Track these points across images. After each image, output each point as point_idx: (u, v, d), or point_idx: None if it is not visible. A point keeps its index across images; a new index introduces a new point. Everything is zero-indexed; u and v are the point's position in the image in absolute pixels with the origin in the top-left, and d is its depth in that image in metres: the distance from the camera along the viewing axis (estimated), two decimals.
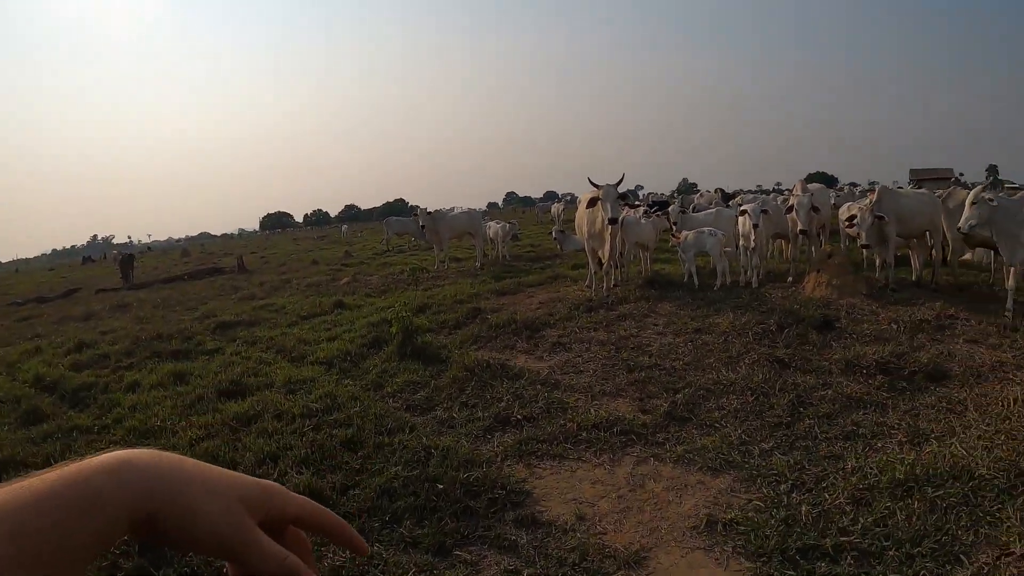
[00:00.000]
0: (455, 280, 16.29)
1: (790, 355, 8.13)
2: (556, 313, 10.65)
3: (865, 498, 4.95)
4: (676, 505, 5.09)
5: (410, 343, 8.87)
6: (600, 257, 11.99)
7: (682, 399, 6.93)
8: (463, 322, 10.86)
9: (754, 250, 12.52)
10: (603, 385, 7.57)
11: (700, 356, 8.29)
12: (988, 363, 7.81)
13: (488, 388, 7.49)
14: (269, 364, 9.21)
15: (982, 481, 5.06)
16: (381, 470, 5.58)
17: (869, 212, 11.47)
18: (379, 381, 8.12)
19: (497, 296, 13.18)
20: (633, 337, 9.22)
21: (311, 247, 43.68)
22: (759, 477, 5.37)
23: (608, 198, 10.98)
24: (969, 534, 4.48)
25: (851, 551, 4.34)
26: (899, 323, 9.32)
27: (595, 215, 11.66)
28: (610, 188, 11.07)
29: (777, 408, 6.68)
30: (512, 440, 6.20)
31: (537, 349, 9.08)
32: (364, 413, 6.81)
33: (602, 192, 11.09)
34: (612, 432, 6.26)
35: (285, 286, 19.35)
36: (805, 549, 4.38)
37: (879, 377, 7.38)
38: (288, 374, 8.39)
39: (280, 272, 24.38)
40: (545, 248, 23.88)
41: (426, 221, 18.97)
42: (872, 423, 6.33)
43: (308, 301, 14.83)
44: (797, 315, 9.51)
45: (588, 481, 5.51)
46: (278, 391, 7.78)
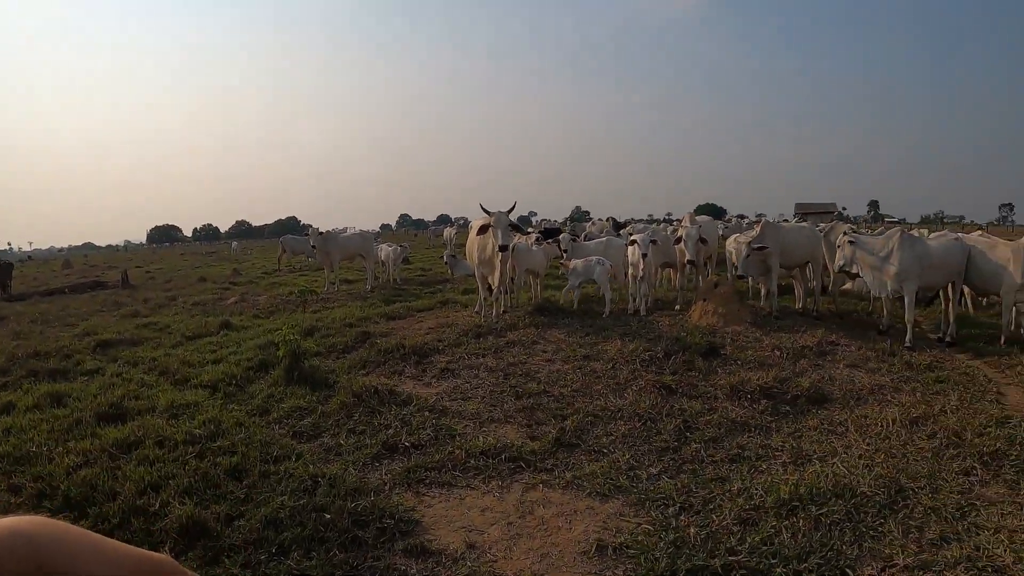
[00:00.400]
0: (345, 303, 16.05)
1: (677, 381, 8.29)
2: (445, 339, 10.59)
3: (752, 518, 5.04)
4: (566, 531, 5.05)
5: (297, 367, 8.63)
6: (491, 283, 12.01)
7: (570, 425, 6.93)
8: (352, 346, 10.69)
9: (643, 279, 12.79)
10: (491, 412, 7.52)
11: (588, 383, 8.35)
12: (867, 386, 8.18)
13: (376, 414, 7.34)
14: (151, 387, 8.74)
15: (864, 498, 5.26)
16: (267, 500, 5.36)
17: (747, 245, 12.14)
18: (265, 406, 7.85)
19: (387, 320, 13.06)
20: (522, 364, 9.23)
21: (199, 263, 42.13)
22: (647, 501, 5.40)
23: (500, 225, 11.03)
24: (853, 548, 4.63)
25: (740, 570, 4.40)
26: (782, 349, 9.66)
27: (486, 241, 11.68)
28: (502, 215, 11.13)
29: (664, 433, 6.77)
30: (400, 468, 6.07)
31: (426, 375, 8.98)
32: (249, 440, 6.56)
33: (494, 219, 11.14)
34: (501, 459, 6.20)
35: (171, 304, 18.56)
36: (694, 570, 4.40)
37: (763, 401, 7.61)
38: (171, 398, 7.98)
39: (166, 289, 23.33)
40: (436, 272, 23.84)
41: (317, 241, 18.66)
42: (757, 446, 6.50)
43: (194, 320, 14.25)
44: (684, 342, 9.71)
45: (477, 508, 5.43)
46: (160, 416, 7.37)
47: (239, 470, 5.94)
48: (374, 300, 16.22)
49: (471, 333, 10.74)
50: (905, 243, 10.68)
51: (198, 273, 29.71)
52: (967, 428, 6.61)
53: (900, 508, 5.18)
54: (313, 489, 5.53)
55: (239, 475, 5.86)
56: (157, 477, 5.73)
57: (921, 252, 10.64)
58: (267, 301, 17.53)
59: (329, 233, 19.42)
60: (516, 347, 9.98)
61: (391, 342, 10.13)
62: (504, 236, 10.99)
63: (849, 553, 4.57)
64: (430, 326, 11.87)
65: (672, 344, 9.60)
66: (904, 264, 10.53)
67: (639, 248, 12.51)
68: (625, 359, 9.10)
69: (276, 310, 15.69)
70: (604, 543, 4.79)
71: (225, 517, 5.12)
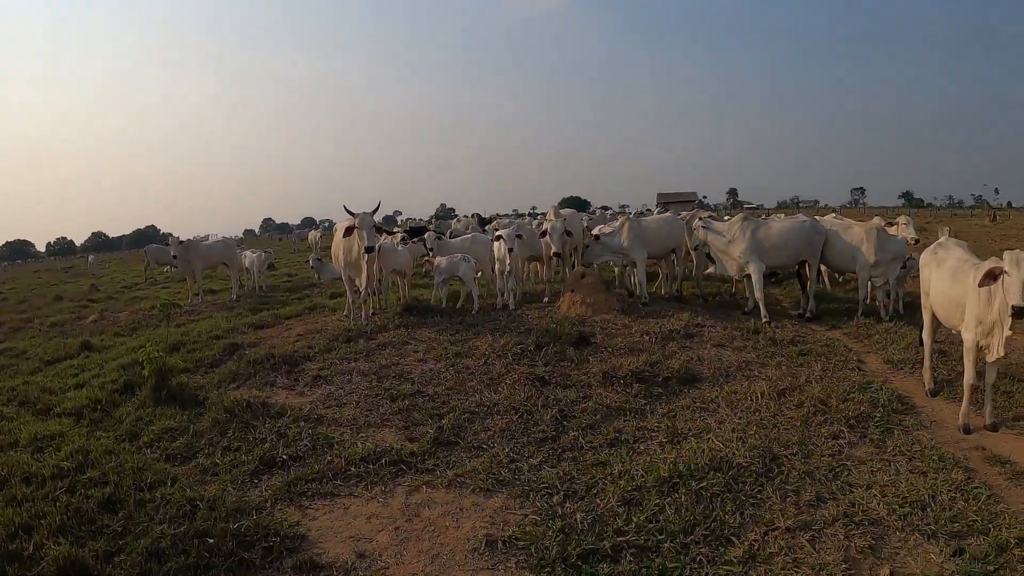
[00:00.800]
0: (210, 314, 15.41)
1: (550, 372, 8.38)
2: (316, 345, 10.31)
3: (635, 498, 5.16)
4: (454, 529, 5.02)
5: (165, 386, 8.17)
6: (358, 285, 11.84)
7: (448, 424, 6.89)
8: (220, 359, 10.27)
9: (510, 273, 12.87)
10: (368, 416, 7.38)
11: (462, 380, 8.32)
12: (735, 364, 8.52)
13: (250, 429, 7.05)
14: (11, 419, 8.09)
15: (741, 469, 5.49)
16: (146, 530, 5.07)
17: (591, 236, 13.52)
18: (134, 430, 7.41)
19: (255, 329, 12.59)
20: (394, 365, 9.10)
21: (54, 280, 39.30)
22: (532, 492, 5.44)
23: (364, 226, 10.86)
24: (736, 517, 4.82)
25: (629, 549, 4.50)
26: (651, 334, 9.90)
27: (352, 243, 11.49)
28: (366, 216, 10.96)
29: (542, 424, 6.84)
30: (280, 482, 5.87)
31: (298, 384, 8.72)
32: (121, 468, 6.14)
33: (358, 220, 10.96)
34: (381, 463, 6.09)
35: (26, 326, 17.15)
36: (585, 554, 4.47)
37: (636, 385, 7.81)
38: (34, 430, 7.38)
39: (20, 310, 21.55)
40: (302, 277, 23.32)
41: (178, 251, 17.82)
42: (633, 428, 6.67)
43: (52, 343, 13.31)
44: (554, 333, 9.82)
45: (363, 516, 5.32)
46: (24, 450, 6.81)
47: (113, 501, 5.60)
48: (240, 309, 15.71)
49: (341, 337, 10.52)
50: (747, 226, 11.73)
51: (54, 291, 27.76)
52: (832, 395, 7.01)
53: (776, 475, 5.43)
54: (192, 514, 5.26)
55: (114, 507, 5.53)
56: (27, 517, 5.31)
57: (762, 234, 11.64)
58: (129, 317, 16.62)
59: (190, 241, 18.62)
60: (387, 349, 9.85)
61: (260, 352, 9.79)
62: (370, 237, 10.82)
63: (732, 522, 4.75)
64: (299, 333, 11.57)
65: (543, 336, 9.69)
66: (747, 245, 11.53)
67: (505, 243, 12.61)
68: (497, 354, 9.12)
69: (139, 326, 14.92)
70: (493, 537, 4.79)
71: (104, 554, 4.82)
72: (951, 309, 6.80)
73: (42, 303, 23.44)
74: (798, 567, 4.27)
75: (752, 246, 11.51)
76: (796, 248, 11.61)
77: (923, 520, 4.66)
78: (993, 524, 4.56)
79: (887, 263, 11.06)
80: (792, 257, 11.75)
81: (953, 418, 6.61)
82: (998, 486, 5.24)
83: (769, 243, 11.54)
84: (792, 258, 11.77)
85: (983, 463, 5.66)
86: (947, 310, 6.90)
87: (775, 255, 11.59)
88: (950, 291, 6.78)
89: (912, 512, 4.76)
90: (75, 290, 27.97)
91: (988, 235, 30.52)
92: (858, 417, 6.48)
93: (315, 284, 20.24)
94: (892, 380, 7.90)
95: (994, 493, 5.07)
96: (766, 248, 11.53)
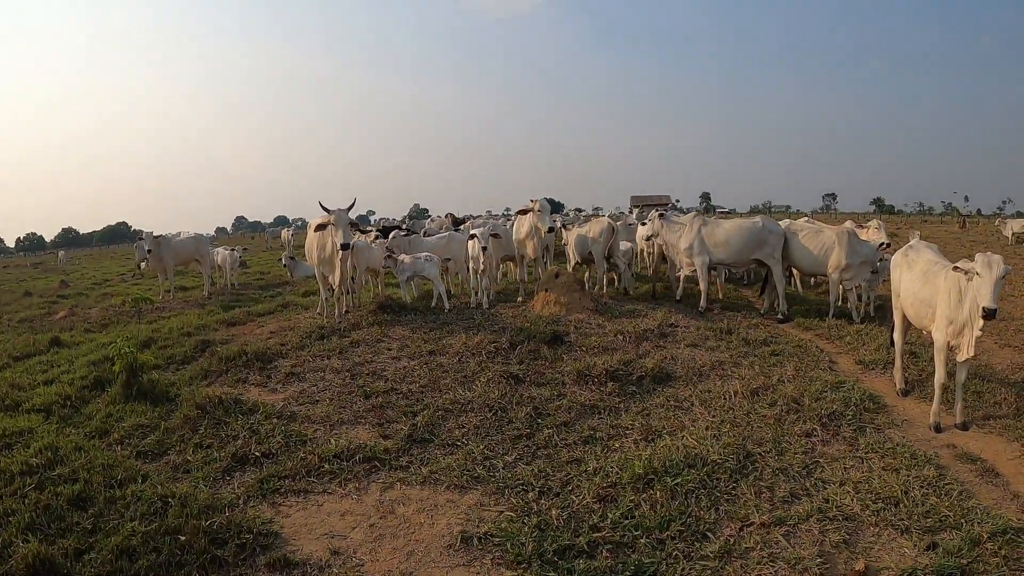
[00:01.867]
0: (182, 311, 15.24)
1: (524, 370, 8.39)
2: (289, 342, 10.24)
3: (610, 495, 5.17)
4: (429, 526, 5.00)
5: (136, 382, 8.06)
6: (331, 283, 11.77)
7: (422, 421, 6.87)
8: (192, 356, 10.16)
9: (484, 272, 12.87)
10: (341, 413, 7.33)
11: (436, 377, 8.30)
12: (708, 363, 8.58)
13: (222, 426, 6.98)
14: None
15: (715, 466, 5.52)
16: (117, 527, 4.99)
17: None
18: (104, 427, 7.29)
19: (227, 327, 12.55)
20: (368, 363, 9.05)
21: (23, 276, 38.71)
22: (507, 488, 5.43)
23: (340, 223, 10.80)
24: (711, 513, 4.86)
25: (605, 545, 4.51)
26: (625, 334, 9.95)
27: (326, 240, 11.43)
28: (341, 213, 10.90)
29: (516, 421, 6.84)
30: (253, 479, 5.81)
31: (271, 381, 8.63)
32: (91, 465, 6.05)
33: (334, 217, 10.89)
34: (355, 460, 6.06)
35: None
36: (561, 550, 4.48)
37: (610, 384, 7.83)
38: (2, 426, 7.27)
39: None
40: (275, 275, 23.17)
41: (152, 245, 17.66)
42: (608, 426, 6.70)
43: (21, 339, 13.04)
44: (529, 332, 9.82)
45: (337, 513, 5.28)
46: None
47: (83, 498, 5.51)
48: (212, 306, 15.58)
49: (314, 335, 10.46)
50: (696, 222, 12.77)
51: (23, 287, 27.37)
52: (805, 394, 7.08)
53: (750, 472, 5.48)
54: (164, 511, 5.20)
55: (84, 504, 5.44)
56: None
57: (708, 231, 12.51)
58: (99, 313, 16.36)
59: (162, 237, 18.46)
60: (361, 346, 9.80)
61: (232, 349, 9.68)
62: (345, 234, 10.77)
63: (707, 518, 4.79)
64: (272, 330, 11.49)
65: (517, 334, 9.69)
66: (694, 239, 12.47)
67: (479, 242, 12.62)
68: (471, 352, 9.11)
69: (110, 322, 14.66)
70: (468, 534, 4.77)
71: (74, 551, 4.74)
72: (921, 310, 6.90)
73: (11, 299, 23.13)
74: (774, 561, 4.31)
75: (699, 241, 12.41)
76: (741, 246, 12.20)
77: (896, 515, 4.72)
78: (965, 519, 4.63)
79: (858, 266, 11.23)
80: (738, 254, 12.33)
81: (924, 417, 6.69)
82: (969, 482, 5.33)
83: (713, 240, 12.36)
84: (738, 255, 12.36)
85: (954, 460, 5.75)
86: (918, 311, 7.00)
87: (719, 251, 12.35)
88: (921, 292, 6.88)
89: (885, 508, 4.82)
90: (45, 286, 27.66)
91: (957, 241, 31.00)
92: (831, 416, 6.55)
93: (288, 282, 20.16)
94: (864, 380, 7.99)
95: (966, 489, 5.15)
96: (711, 244, 12.37)
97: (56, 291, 24.50)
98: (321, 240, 11.55)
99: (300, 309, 13.88)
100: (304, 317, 12.57)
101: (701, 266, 12.45)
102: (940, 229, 45.61)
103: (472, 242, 12.97)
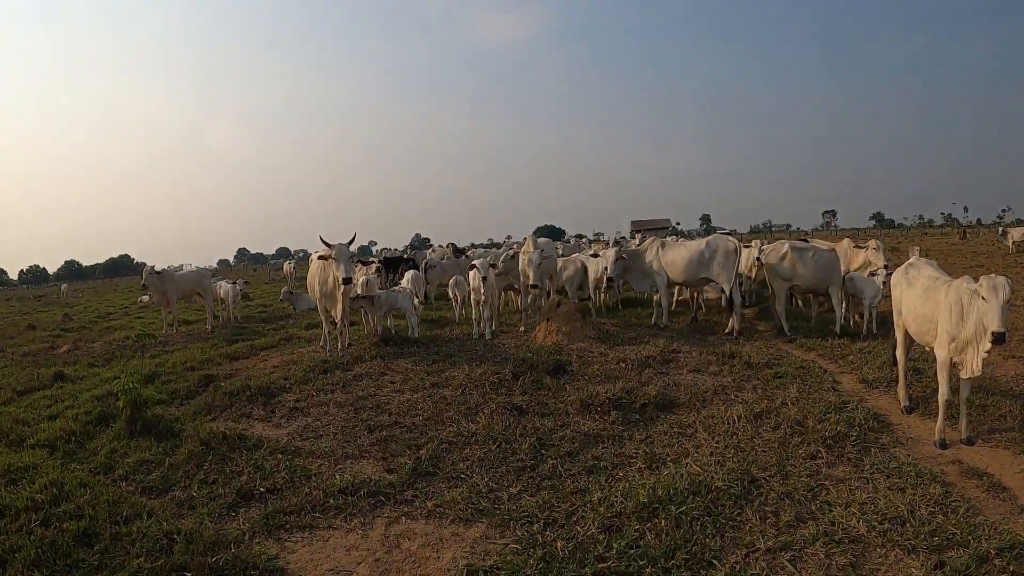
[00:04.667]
0: (185, 345, 15.27)
1: (527, 401, 8.39)
2: (292, 376, 10.30)
3: (615, 525, 5.15)
4: (435, 560, 4.98)
5: (140, 418, 8.07)
6: (334, 317, 11.82)
7: (426, 454, 6.87)
8: (196, 390, 10.19)
9: (485, 303, 12.91)
10: (345, 448, 7.33)
11: (439, 410, 8.30)
12: (711, 388, 8.57)
13: (227, 461, 6.98)
14: None
15: (719, 492, 5.50)
16: (122, 564, 4.99)
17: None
18: (109, 462, 7.30)
19: (230, 360, 12.65)
20: (372, 396, 9.08)
21: (27, 309, 38.79)
22: (511, 521, 5.41)
23: (341, 258, 10.88)
24: (716, 540, 4.83)
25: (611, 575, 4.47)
26: (627, 361, 9.97)
27: (328, 274, 11.51)
28: (343, 248, 10.97)
29: (520, 453, 6.82)
30: (258, 515, 5.81)
31: (275, 415, 8.67)
32: (96, 501, 6.04)
33: (335, 251, 10.97)
34: (360, 495, 6.04)
35: None
36: None
37: (613, 412, 7.82)
38: (7, 461, 7.25)
39: None
40: (278, 308, 23.17)
41: (149, 280, 17.69)
42: (612, 455, 6.67)
43: (25, 373, 13.06)
44: (531, 362, 9.84)
45: (343, 548, 5.27)
46: None
47: (89, 535, 5.50)
48: (216, 340, 15.60)
49: (318, 369, 10.50)
50: (654, 245, 13.82)
51: (26, 320, 27.47)
52: (808, 416, 7.07)
53: (755, 497, 5.46)
54: (170, 547, 5.18)
55: (89, 540, 5.43)
56: (2, 551, 5.25)
57: (664, 254, 13.52)
58: (102, 347, 16.40)
59: (165, 271, 18.51)
60: (364, 380, 9.83)
61: (236, 383, 9.71)
62: (347, 268, 10.84)
63: (712, 545, 4.76)
64: (275, 364, 11.53)
65: (519, 365, 9.71)
66: (653, 262, 13.56)
67: (479, 272, 12.69)
68: (474, 383, 9.12)
69: (113, 357, 14.66)
70: (474, 567, 4.75)
71: None
72: (923, 326, 6.92)
73: (15, 332, 23.14)
74: None
75: (657, 262, 13.52)
76: (688, 266, 13.02)
77: (903, 535, 4.71)
78: (972, 536, 4.61)
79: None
80: (687, 274, 13.11)
81: (929, 434, 6.69)
82: (976, 498, 5.32)
83: (668, 260, 13.37)
84: (688, 275, 13.14)
85: (960, 477, 5.74)
86: (919, 327, 7.01)
87: (672, 271, 13.33)
88: (922, 309, 6.90)
89: (892, 528, 4.80)
90: (48, 319, 27.72)
91: (958, 252, 31.06)
92: (835, 437, 6.54)
93: (291, 315, 20.24)
94: (868, 399, 7.99)
95: (972, 506, 5.14)
96: (666, 264, 13.38)
97: (60, 324, 24.50)
98: (323, 275, 11.63)
99: (303, 343, 13.93)
100: (307, 351, 12.62)
101: (661, 285, 13.54)
102: (941, 241, 45.74)
103: (473, 272, 13.05)
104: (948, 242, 43.46)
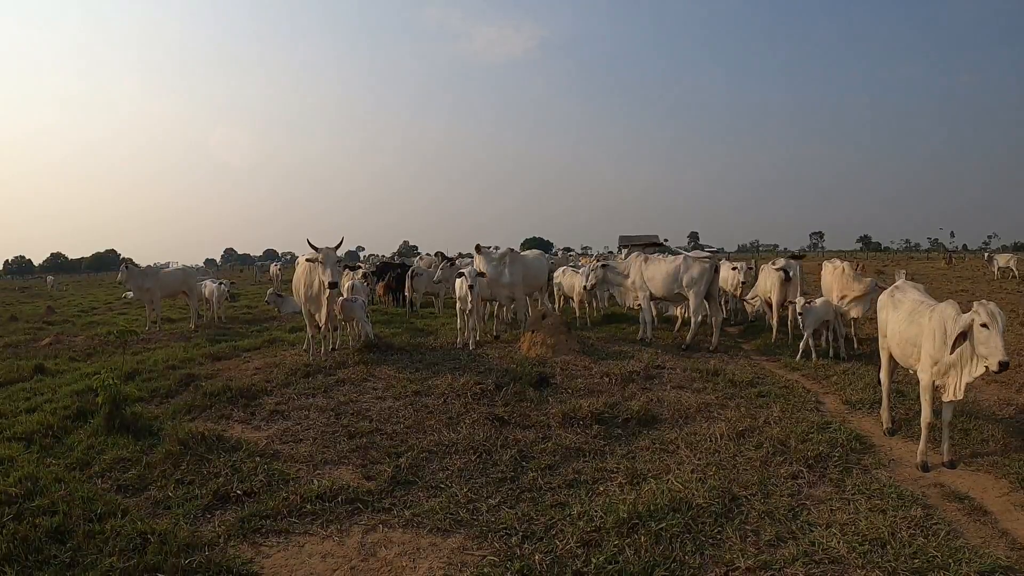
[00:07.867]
0: (167, 343, 15.23)
1: (509, 412, 8.34)
2: (274, 379, 10.27)
3: (594, 539, 5.10)
4: (411, 570, 4.92)
5: (119, 415, 7.98)
6: (318, 321, 11.77)
7: (406, 463, 6.81)
8: (176, 390, 10.13)
9: (471, 312, 12.88)
10: (324, 453, 7.26)
11: (421, 418, 8.25)
12: (694, 405, 8.54)
13: (205, 462, 6.90)
14: None
15: (700, 509, 5.47)
16: (95, 563, 4.91)
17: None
18: (86, 459, 7.21)
19: (212, 361, 12.59)
20: (353, 402, 9.03)
21: (10, 300, 38.31)
22: (490, 532, 5.36)
23: (328, 262, 10.86)
24: (696, 558, 4.80)
25: None
26: (611, 376, 9.96)
27: (313, 278, 11.48)
28: (330, 252, 10.95)
29: (500, 464, 6.77)
30: (234, 518, 5.72)
31: (255, 418, 8.61)
32: (71, 497, 5.95)
33: (322, 256, 10.95)
34: (338, 501, 5.98)
35: None
36: None
37: (596, 427, 7.79)
38: None
39: None
40: (263, 310, 23.06)
41: (124, 276, 17.60)
42: (593, 469, 6.62)
43: (4, 365, 12.96)
44: (514, 374, 9.83)
45: (318, 555, 5.20)
46: None
47: (62, 531, 5.41)
48: (198, 340, 15.51)
49: (300, 372, 10.45)
50: (637, 261, 14.24)
51: (9, 311, 27.13)
52: (791, 436, 7.06)
53: (736, 515, 5.43)
54: (143, 547, 5.11)
55: (62, 537, 5.34)
56: None
57: (645, 268, 13.93)
58: (84, 342, 16.25)
59: (149, 268, 18.39)
60: (346, 385, 9.79)
61: (217, 384, 9.64)
62: (333, 272, 10.82)
63: (692, 563, 4.73)
64: (257, 366, 11.46)
65: (503, 376, 9.69)
66: (636, 277, 14.02)
67: (466, 281, 12.67)
68: (456, 393, 9.09)
69: (95, 352, 14.56)
70: None
71: None
72: (907, 349, 6.93)
73: None
74: None
75: (639, 277, 13.98)
76: (664, 281, 13.48)
77: (883, 557, 4.68)
78: (953, 559, 4.59)
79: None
80: (664, 289, 13.57)
81: (911, 456, 6.69)
82: (957, 521, 5.31)
83: (648, 276, 13.82)
84: (664, 290, 13.59)
85: (942, 499, 5.73)
86: (903, 350, 7.03)
87: (652, 285, 13.76)
88: (906, 332, 6.91)
89: (872, 550, 4.78)
90: (31, 312, 27.47)
91: (944, 277, 31.25)
92: (817, 457, 6.54)
93: (275, 317, 20.18)
94: (850, 420, 7.98)
95: (953, 529, 5.13)
96: (647, 279, 13.82)
97: (43, 317, 24.30)
98: (308, 278, 11.60)
99: (287, 345, 13.85)
100: (290, 354, 12.55)
101: (644, 299, 13.97)
102: (927, 266, 46.04)
103: (459, 280, 13.02)
104: (934, 266, 43.80)
